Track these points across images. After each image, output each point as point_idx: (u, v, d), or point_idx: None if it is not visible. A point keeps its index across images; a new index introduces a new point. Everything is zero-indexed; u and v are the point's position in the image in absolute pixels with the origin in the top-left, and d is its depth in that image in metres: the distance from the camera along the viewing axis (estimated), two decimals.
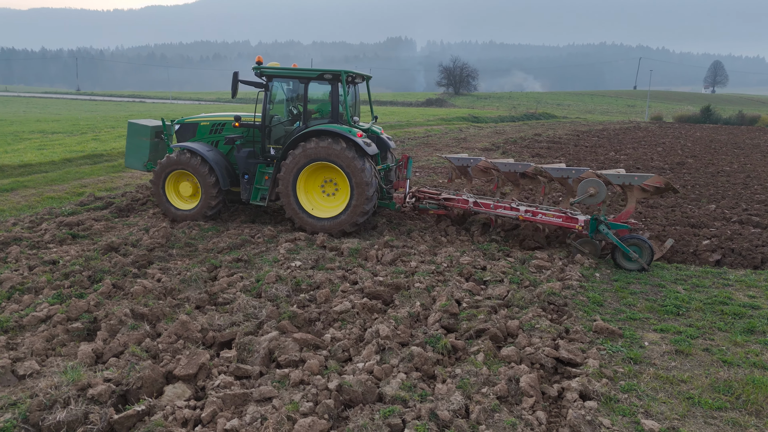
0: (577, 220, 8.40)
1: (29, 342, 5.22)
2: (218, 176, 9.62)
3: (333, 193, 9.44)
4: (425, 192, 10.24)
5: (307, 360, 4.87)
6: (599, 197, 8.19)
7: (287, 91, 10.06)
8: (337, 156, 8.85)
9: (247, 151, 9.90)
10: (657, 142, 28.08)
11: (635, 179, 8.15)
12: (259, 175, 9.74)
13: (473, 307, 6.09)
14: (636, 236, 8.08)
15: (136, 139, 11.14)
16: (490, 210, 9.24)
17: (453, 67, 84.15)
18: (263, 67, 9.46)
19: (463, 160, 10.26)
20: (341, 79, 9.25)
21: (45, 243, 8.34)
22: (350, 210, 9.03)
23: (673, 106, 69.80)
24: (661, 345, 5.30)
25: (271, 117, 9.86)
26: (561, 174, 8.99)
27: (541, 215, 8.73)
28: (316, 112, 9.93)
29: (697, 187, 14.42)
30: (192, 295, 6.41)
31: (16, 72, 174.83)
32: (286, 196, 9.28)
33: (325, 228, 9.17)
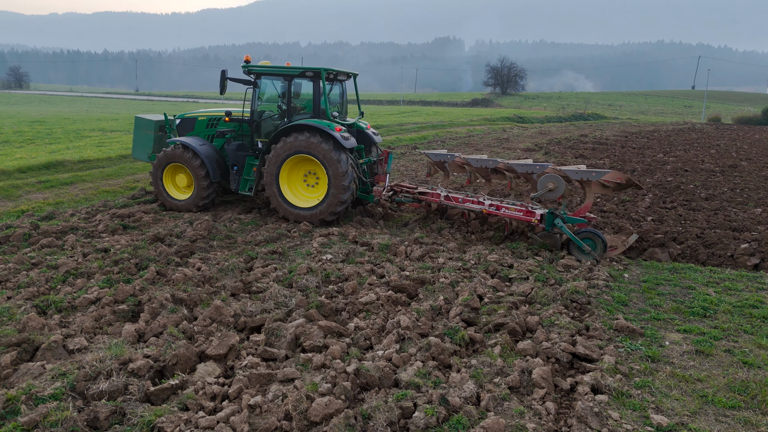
0: (534, 214, 8.71)
1: (80, 321, 5.71)
2: (209, 169, 10.31)
3: (314, 184, 10.03)
4: (402, 186, 10.58)
5: (330, 346, 5.14)
6: (558, 192, 8.56)
7: (274, 89, 10.70)
8: (314, 149, 9.41)
9: (237, 144, 10.64)
10: (711, 144, 27.03)
11: (593, 175, 8.45)
12: (248, 167, 10.43)
13: (495, 302, 6.21)
14: (589, 230, 8.36)
15: (142, 132, 12.01)
16: (459, 204, 9.59)
17: (501, 66, 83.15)
18: (251, 66, 10.13)
19: (441, 156, 10.61)
20: (321, 77, 9.76)
21: (98, 233, 8.97)
22: (328, 200, 9.59)
23: (733, 107, 66.72)
24: (682, 345, 5.28)
25: (260, 112, 10.53)
26: (526, 170, 9.34)
27: (504, 209, 9.07)
28: (303, 108, 10.50)
29: (746, 190, 13.91)
30: (228, 284, 6.80)
31: (80, 73, 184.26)
32: (270, 187, 9.91)
33: (305, 217, 9.76)
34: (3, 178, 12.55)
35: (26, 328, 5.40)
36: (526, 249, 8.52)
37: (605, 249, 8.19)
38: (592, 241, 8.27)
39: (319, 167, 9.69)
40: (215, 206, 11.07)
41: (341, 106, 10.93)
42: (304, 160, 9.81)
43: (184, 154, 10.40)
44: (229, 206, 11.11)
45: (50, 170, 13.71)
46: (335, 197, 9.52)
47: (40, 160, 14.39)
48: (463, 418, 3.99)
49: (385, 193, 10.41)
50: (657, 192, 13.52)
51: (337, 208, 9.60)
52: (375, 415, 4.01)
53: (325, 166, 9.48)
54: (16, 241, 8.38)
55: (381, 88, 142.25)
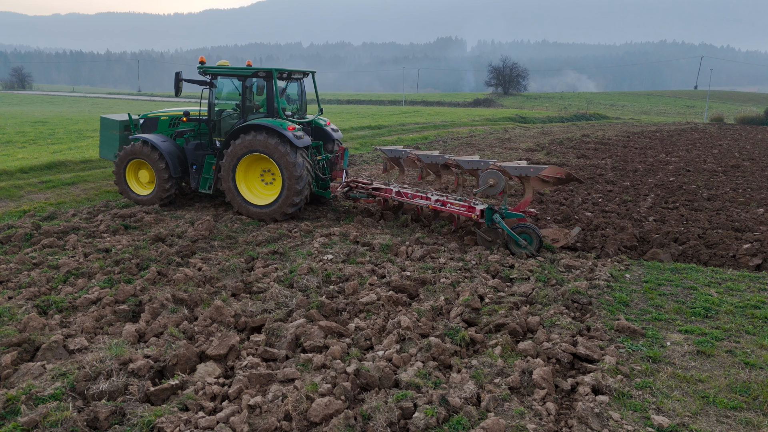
0: (475, 209, 8.92)
1: (80, 321, 5.72)
2: (169, 165, 10.50)
3: (270, 182, 10.23)
4: (358, 182, 10.70)
5: (331, 346, 5.13)
6: (498, 188, 8.81)
7: (230, 89, 10.92)
8: (267, 148, 9.61)
9: (196, 143, 10.88)
10: (714, 144, 26.96)
11: (531, 171, 8.68)
12: (207, 166, 10.65)
13: (496, 302, 6.20)
14: (525, 225, 8.55)
15: (108, 132, 12.24)
16: (409, 199, 9.77)
17: (503, 67, 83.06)
18: (206, 67, 10.42)
19: (396, 152, 10.74)
20: (273, 77, 9.98)
21: (100, 233, 8.98)
22: (281, 200, 9.85)
23: (736, 107, 66.53)
24: (683, 345, 5.26)
25: (218, 112, 10.74)
26: (471, 166, 9.51)
27: (449, 204, 9.26)
28: (260, 107, 10.68)
29: (749, 190, 13.87)
30: (229, 284, 6.80)
31: (83, 74, 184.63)
32: (226, 182, 10.11)
33: (258, 214, 9.99)
34: (5, 178, 12.58)
35: (27, 328, 5.41)
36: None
37: (540, 243, 8.44)
38: (528, 236, 8.50)
39: (274, 165, 9.90)
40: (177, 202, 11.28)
41: (300, 103, 11.26)
42: (260, 159, 10.02)
43: (145, 149, 10.65)
44: (230, 206, 11.10)
45: (52, 170, 13.74)
46: (289, 194, 9.76)
47: (42, 160, 14.42)
48: (463, 418, 3.99)
49: (340, 189, 10.60)
50: (659, 192, 13.49)
51: (288, 209, 9.87)
52: (375, 415, 4.00)
53: (278, 164, 9.70)
54: (17, 241, 8.40)
55: (383, 88, 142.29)
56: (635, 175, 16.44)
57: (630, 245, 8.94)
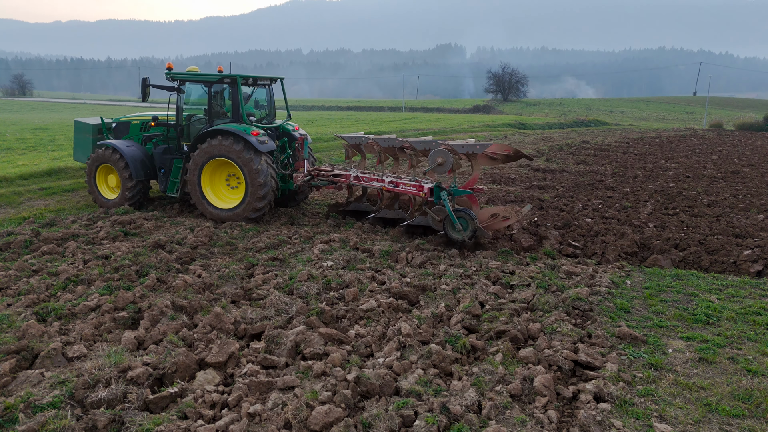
0: (423, 188, 9.22)
1: (79, 328, 5.70)
2: (131, 168, 10.65)
3: (236, 186, 10.40)
4: (320, 170, 10.79)
5: (331, 353, 5.11)
6: (447, 166, 8.88)
7: (198, 94, 11.12)
8: (231, 152, 9.78)
9: (164, 147, 11.08)
10: (713, 150, 26.99)
11: (477, 148, 8.88)
12: (175, 170, 10.81)
13: (496, 309, 6.18)
14: (465, 210, 8.80)
15: (81, 135, 12.42)
16: (364, 182, 10.08)
17: (502, 73, 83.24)
18: (174, 73, 10.65)
19: (356, 138, 10.82)
20: (238, 83, 10.18)
21: (99, 239, 8.96)
22: (244, 205, 10.05)
23: (735, 113, 66.63)
24: (685, 352, 5.24)
25: (187, 117, 10.91)
26: (424, 146, 9.62)
27: (402, 185, 9.59)
28: (226, 113, 10.81)
29: (749, 196, 13.87)
30: (228, 290, 6.78)
31: (84, 81, 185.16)
32: (192, 189, 10.28)
33: (222, 218, 10.15)
34: (5, 185, 12.57)
35: (26, 335, 5.39)
36: (528, 257, 8.49)
37: (474, 232, 8.71)
38: (465, 221, 8.71)
39: (239, 170, 10.03)
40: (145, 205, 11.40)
41: (269, 109, 11.45)
42: (225, 163, 10.18)
43: (109, 154, 10.87)
44: None
45: (52, 177, 13.73)
46: (253, 199, 9.93)
47: (42, 167, 14.41)
48: (464, 426, 3.96)
49: (302, 178, 10.69)
50: (659, 198, 13.48)
51: (251, 214, 10.06)
52: (375, 423, 3.98)
53: (242, 169, 9.86)
54: (17, 248, 8.38)
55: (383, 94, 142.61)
56: (635, 181, 16.44)
57: (630, 251, 8.93)
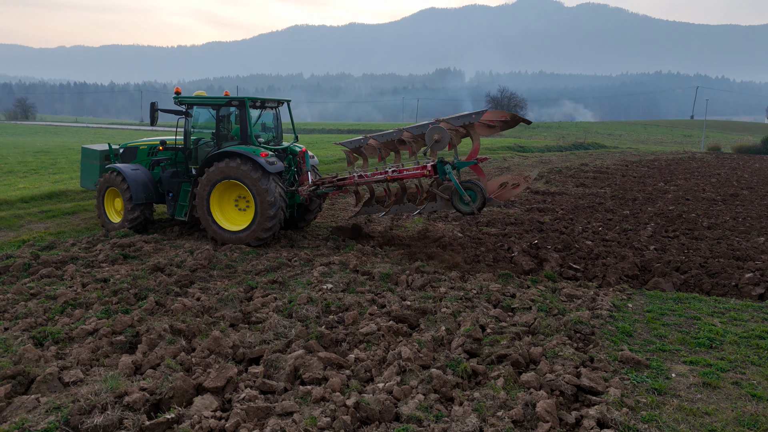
0: (426, 167, 9.26)
1: (76, 352, 5.64)
2: (131, 190, 10.66)
3: (245, 208, 10.38)
4: (324, 179, 10.87)
5: (330, 378, 5.05)
6: (444, 142, 8.94)
7: (206, 118, 11.17)
8: (240, 174, 9.80)
9: (172, 171, 11.17)
10: (711, 173, 27.09)
11: (473, 117, 8.92)
12: (183, 193, 10.83)
13: (497, 333, 6.13)
14: (473, 182, 8.86)
15: (89, 162, 12.46)
16: (369, 179, 10.12)
17: (500, 96, 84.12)
18: (182, 97, 10.72)
19: (355, 142, 10.85)
20: (246, 106, 10.25)
21: (99, 262, 8.93)
22: (255, 226, 9.99)
23: (732, 136, 67.12)
24: (688, 377, 5.18)
25: (195, 140, 10.95)
26: (421, 131, 9.65)
27: (405, 171, 9.66)
28: (234, 136, 10.83)
29: (748, 219, 13.87)
30: (227, 314, 6.73)
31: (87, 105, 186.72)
32: (201, 209, 10.25)
33: (232, 240, 10.10)
34: (5, 208, 12.58)
35: (22, 359, 5.33)
36: (529, 279, 8.45)
37: (483, 203, 8.85)
38: (473, 193, 8.77)
39: (247, 192, 10.04)
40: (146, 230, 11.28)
41: (276, 131, 11.51)
42: (234, 185, 10.20)
43: (113, 177, 10.97)
44: None
45: (53, 200, 13.76)
46: (262, 219, 9.90)
47: (43, 189, 14.45)
48: None
49: (306, 190, 10.68)
50: (659, 221, 13.48)
51: (262, 234, 10.00)
52: None
53: (251, 190, 9.87)
54: (15, 271, 8.35)
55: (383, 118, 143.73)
56: (635, 203, 16.46)
57: (631, 274, 8.90)
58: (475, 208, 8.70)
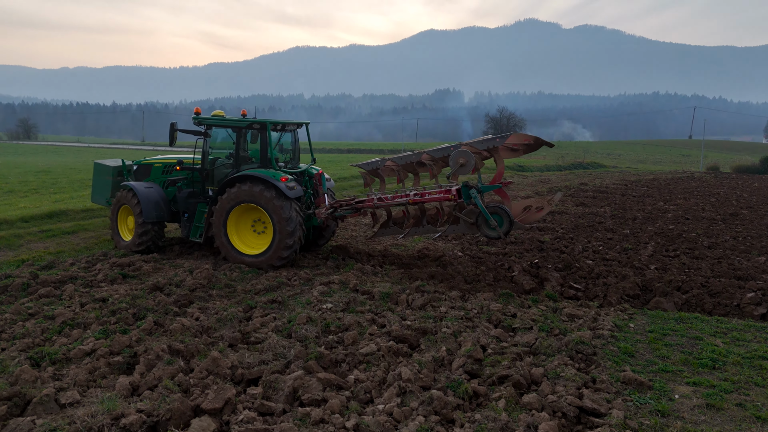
0: (450, 191, 9.26)
1: (73, 373, 5.58)
2: (142, 208, 10.46)
3: (262, 231, 10.25)
4: (341, 201, 10.80)
5: (330, 399, 4.99)
6: (469, 165, 8.95)
7: (224, 139, 11.11)
8: (259, 198, 9.70)
9: (188, 191, 11.03)
10: (711, 192, 27.14)
11: (497, 141, 8.94)
12: (199, 214, 10.69)
13: (498, 353, 6.07)
14: (500, 206, 8.86)
15: (101, 177, 12.34)
16: (389, 202, 10.04)
17: (499, 116, 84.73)
18: (201, 117, 10.62)
19: (372, 164, 10.83)
20: (267, 128, 10.14)
21: (98, 282, 8.90)
22: (274, 247, 9.84)
23: (731, 156, 67.42)
24: (692, 398, 5.12)
25: (212, 161, 10.85)
26: (443, 153, 9.64)
27: (426, 194, 9.63)
28: (251, 158, 10.85)
29: (749, 238, 13.86)
30: (226, 334, 6.68)
31: (89, 125, 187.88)
32: (218, 236, 10.12)
33: (254, 263, 9.94)
34: (5, 227, 12.58)
35: (18, 381, 5.27)
36: (530, 299, 8.41)
37: (510, 227, 8.81)
38: (499, 217, 8.74)
39: (265, 215, 9.96)
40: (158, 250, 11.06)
41: (293, 153, 11.43)
42: (252, 209, 10.09)
43: (126, 195, 10.82)
44: None
45: (53, 219, 13.76)
46: (281, 244, 9.79)
47: (44, 209, 14.47)
48: None
49: (324, 212, 10.60)
50: (659, 240, 13.47)
51: (283, 253, 9.85)
52: None
53: (269, 214, 9.77)
54: (14, 290, 8.31)
55: (382, 137, 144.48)
56: (634, 222, 16.46)
57: (632, 294, 8.86)
58: (502, 232, 8.66)
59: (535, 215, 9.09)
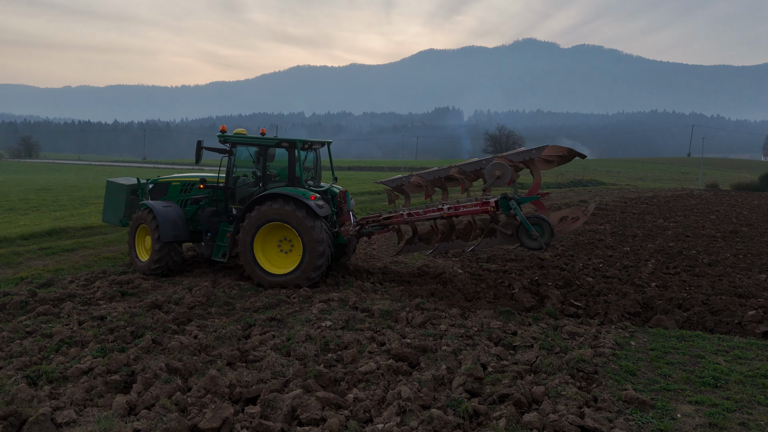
0: (489, 203, 9.32)
1: (70, 392, 5.53)
2: (160, 228, 10.17)
3: (288, 250, 10.09)
4: (368, 218, 10.75)
5: (328, 419, 4.94)
6: (506, 177, 9.10)
7: (249, 157, 10.95)
8: (289, 217, 9.58)
9: (211, 210, 10.78)
10: (710, 209, 27.16)
11: (533, 153, 9.05)
12: (222, 233, 10.49)
13: (499, 371, 6.03)
14: (540, 216, 8.91)
15: (114, 196, 12.08)
16: (420, 217, 10.02)
17: (499, 134, 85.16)
18: (227, 135, 10.47)
19: (397, 180, 10.87)
20: (297, 147, 10.07)
21: (96, 300, 8.86)
22: (304, 266, 9.74)
23: (730, 174, 67.62)
24: (694, 417, 5.06)
25: (235, 179, 10.74)
26: (475, 167, 9.81)
27: (461, 208, 9.63)
28: (277, 176, 10.75)
29: (749, 256, 13.83)
30: (225, 352, 6.64)
31: (90, 143, 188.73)
32: (244, 255, 9.93)
33: (280, 283, 9.78)
34: (5, 245, 12.58)
35: (15, 399, 5.22)
36: (531, 317, 8.37)
37: (551, 236, 8.91)
38: (540, 227, 8.81)
39: (292, 234, 9.85)
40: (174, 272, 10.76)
41: (315, 171, 11.37)
42: (278, 227, 9.96)
43: (146, 215, 10.56)
44: (228, 272, 11.03)
45: (53, 237, 13.76)
46: (310, 263, 9.71)
47: (44, 227, 14.48)
48: None
49: (352, 230, 10.55)
50: (659, 257, 13.44)
51: (312, 273, 9.77)
52: None
53: (300, 233, 9.66)
54: (12, 308, 8.27)
55: (383, 155, 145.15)
56: (635, 240, 16.45)
57: (633, 311, 8.82)
58: (543, 242, 8.77)
59: (571, 225, 9.19)
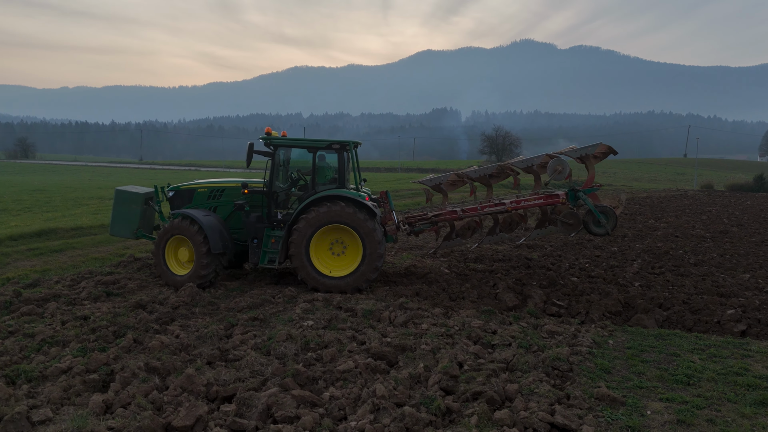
0: (559, 195, 10.06)
1: (48, 391, 5.57)
2: (209, 240, 9.68)
3: (341, 252, 10.01)
4: (413, 216, 10.97)
5: (302, 417, 4.99)
6: (565, 172, 9.91)
7: (293, 160, 10.90)
8: (349, 218, 9.56)
9: (256, 215, 10.30)
10: (703, 210, 27.30)
11: (589, 149, 10.00)
12: (266, 239, 10.13)
13: (475, 369, 6.09)
14: (604, 206, 9.77)
15: (126, 206, 10.97)
16: (478, 212, 10.62)
17: (496, 135, 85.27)
18: (272, 138, 10.09)
19: (435, 179, 11.54)
20: (349, 149, 10.07)
21: (81, 300, 8.90)
22: (363, 268, 9.73)
23: (725, 174, 67.88)
24: (663, 414, 5.13)
25: (284, 182, 10.66)
26: (526, 164, 10.70)
27: (524, 201, 10.32)
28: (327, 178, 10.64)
29: (736, 256, 13.92)
30: (205, 351, 6.68)
31: (87, 144, 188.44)
32: (299, 259, 9.73)
33: (338, 287, 9.66)
34: None
35: None
36: (512, 316, 8.44)
37: (615, 222, 9.80)
38: (606, 216, 9.69)
39: (347, 236, 9.82)
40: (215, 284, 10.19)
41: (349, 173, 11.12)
42: (332, 230, 9.81)
43: (187, 225, 9.84)
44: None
45: (42, 238, 13.78)
46: (370, 264, 9.69)
47: (34, 227, 14.50)
48: None
49: (402, 227, 10.80)
50: (646, 257, 13.52)
51: (371, 275, 9.76)
52: None
53: (360, 234, 9.64)
54: None
55: (380, 156, 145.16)
56: (623, 240, 16.54)
57: (615, 311, 8.89)
58: (609, 228, 9.68)
59: None
